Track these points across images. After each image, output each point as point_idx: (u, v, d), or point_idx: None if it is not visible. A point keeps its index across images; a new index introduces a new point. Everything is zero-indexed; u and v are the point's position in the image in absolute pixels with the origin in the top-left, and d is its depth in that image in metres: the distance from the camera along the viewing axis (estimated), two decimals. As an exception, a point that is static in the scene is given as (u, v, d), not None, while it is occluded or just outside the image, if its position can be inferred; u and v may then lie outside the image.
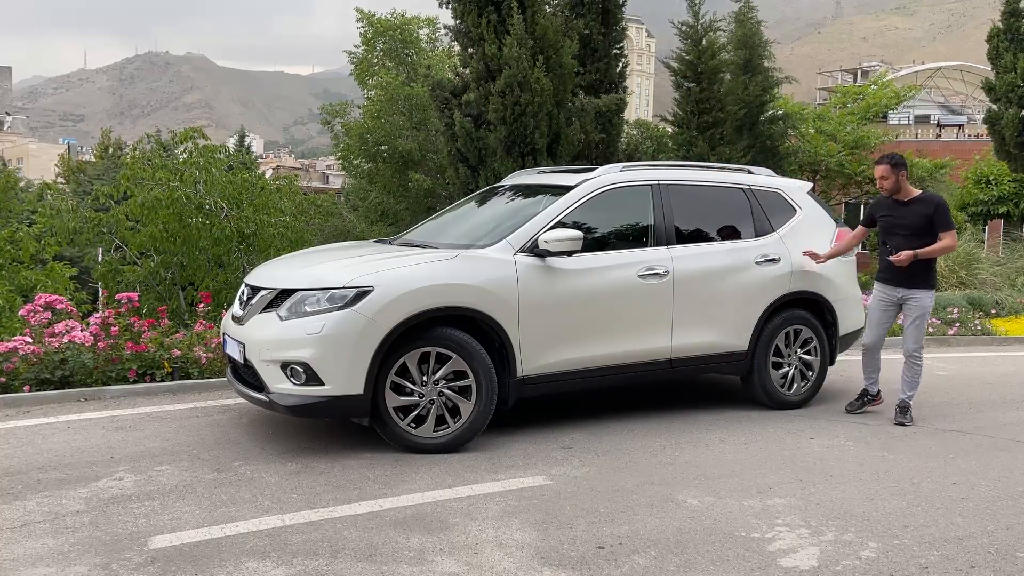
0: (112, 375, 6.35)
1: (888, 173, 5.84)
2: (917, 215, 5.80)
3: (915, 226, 5.80)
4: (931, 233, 5.79)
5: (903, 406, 5.96)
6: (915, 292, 5.87)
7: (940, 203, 5.85)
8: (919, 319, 5.88)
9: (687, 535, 3.84)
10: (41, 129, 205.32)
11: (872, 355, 6.17)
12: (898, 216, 5.88)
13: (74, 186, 41.45)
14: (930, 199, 5.88)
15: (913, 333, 5.91)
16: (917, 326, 5.89)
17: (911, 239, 5.78)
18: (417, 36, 30.36)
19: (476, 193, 6.99)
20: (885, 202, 5.99)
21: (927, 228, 5.79)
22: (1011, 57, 19.50)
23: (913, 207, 5.84)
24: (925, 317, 5.90)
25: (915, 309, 5.88)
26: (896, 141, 30.88)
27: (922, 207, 5.81)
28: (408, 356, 4.87)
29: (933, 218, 5.77)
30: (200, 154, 11.42)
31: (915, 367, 5.97)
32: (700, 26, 18.19)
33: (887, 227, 5.96)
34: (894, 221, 5.90)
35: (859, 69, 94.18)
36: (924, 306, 5.87)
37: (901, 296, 5.93)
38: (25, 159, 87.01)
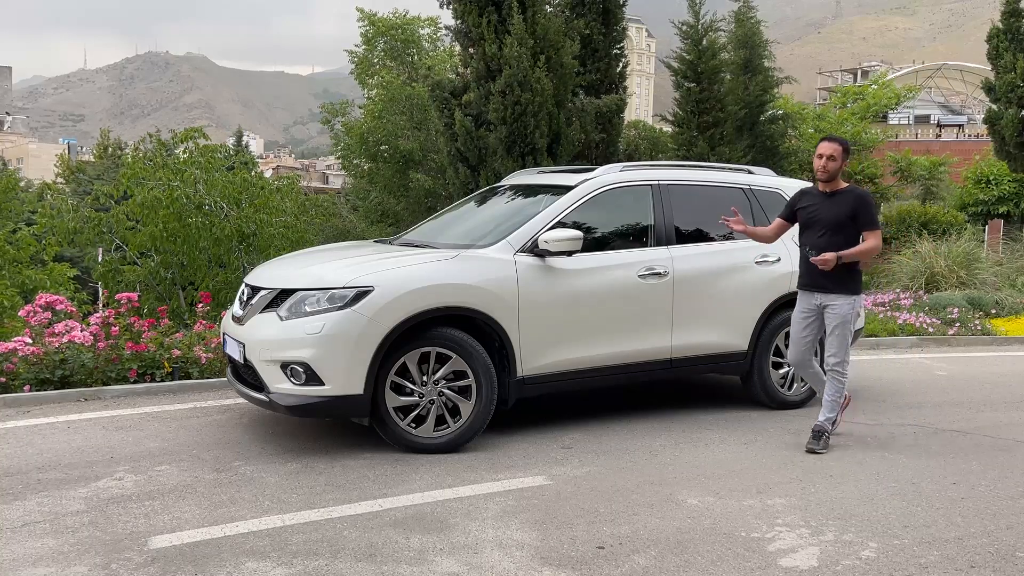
0: (112, 375, 6.35)
1: (838, 155, 5.15)
2: (840, 209, 5.15)
3: (836, 222, 5.14)
4: (853, 231, 5.18)
5: (818, 431, 5.24)
6: (834, 299, 5.20)
7: (866, 197, 5.25)
8: (839, 328, 5.20)
9: (687, 535, 3.84)
10: (41, 129, 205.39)
11: (805, 370, 5.50)
12: (821, 209, 5.21)
13: (74, 186, 41.44)
14: (856, 192, 5.25)
15: (834, 344, 5.23)
16: (838, 336, 5.22)
17: (831, 236, 5.14)
18: (418, 36, 30.36)
19: (476, 193, 7.00)
20: (810, 192, 5.37)
21: (849, 225, 5.16)
22: (1011, 57, 19.49)
23: (837, 200, 5.18)
24: (847, 326, 5.21)
25: (834, 318, 5.20)
26: (896, 140, 30.89)
27: (846, 201, 5.17)
28: (408, 356, 4.87)
29: (857, 214, 5.14)
30: (200, 154, 11.43)
31: (837, 383, 5.28)
32: (700, 26, 18.20)
33: (806, 221, 5.28)
34: (815, 214, 5.22)
35: (859, 69, 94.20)
36: (844, 314, 5.19)
37: (820, 303, 5.26)
38: (25, 159, 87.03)
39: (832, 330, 5.23)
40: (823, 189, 5.24)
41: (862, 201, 5.18)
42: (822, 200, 5.23)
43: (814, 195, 5.30)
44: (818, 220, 5.20)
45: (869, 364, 8.38)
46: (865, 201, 5.19)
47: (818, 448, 5.17)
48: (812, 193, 5.33)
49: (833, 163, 5.12)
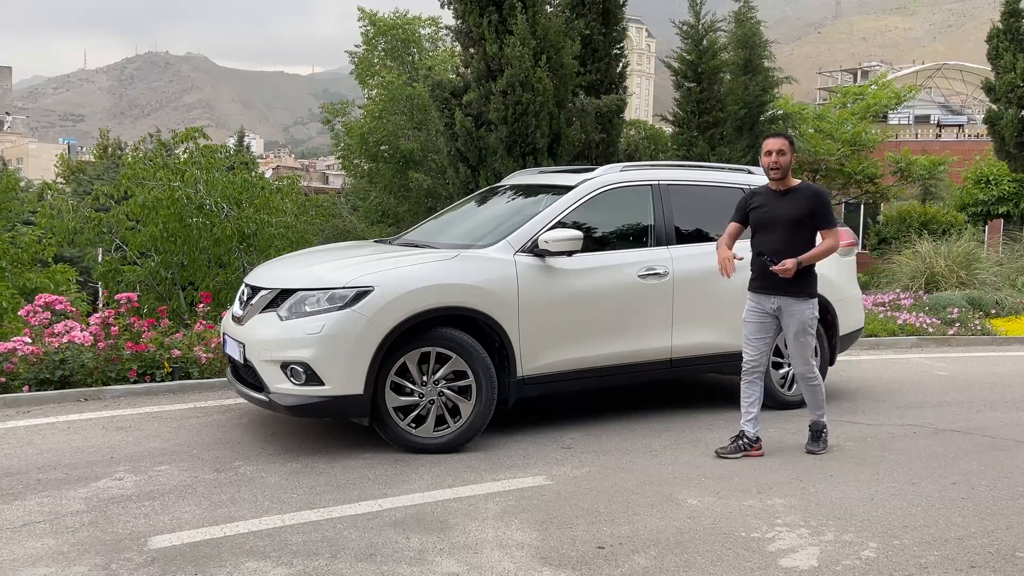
0: (112, 375, 6.35)
1: (787, 149, 4.90)
2: (795, 207, 4.89)
3: (792, 221, 4.89)
4: (809, 230, 4.94)
5: (816, 429, 5.19)
6: (791, 302, 4.92)
7: (822, 194, 4.99)
8: (800, 334, 4.95)
9: (687, 535, 3.84)
10: (41, 129, 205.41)
11: (753, 378, 5.09)
12: (775, 208, 4.94)
13: (74, 186, 41.44)
14: (811, 189, 4.99)
15: (799, 352, 5.02)
16: (801, 344, 4.98)
17: (788, 237, 4.89)
18: (419, 36, 30.35)
19: (476, 193, 7.00)
20: (761, 191, 5.09)
21: (805, 224, 4.92)
22: (1011, 57, 19.49)
23: (792, 198, 4.93)
24: (808, 331, 4.96)
25: (793, 323, 4.94)
26: (896, 140, 30.89)
27: (802, 199, 4.91)
28: (408, 356, 4.87)
29: (814, 212, 4.89)
30: (201, 154, 11.43)
31: (814, 388, 5.11)
32: (701, 26, 18.21)
33: (759, 221, 5.00)
34: (769, 214, 4.95)
35: (859, 69, 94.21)
36: (804, 319, 4.93)
37: (776, 307, 4.98)
38: (25, 159, 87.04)
39: (794, 338, 4.97)
40: (775, 187, 4.99)
41: (819, 198, 4.93)
42: (775, 199, 4.97)
43: (766, 194, 5.04)
44: (773, 220, 4.93)
45: (869, 364, 8.38)
46: (822, 198, 4.96)
47: (818, 450, 5.11)
48: (763, 192, 5.07)
49: (784, 157, 4.88)
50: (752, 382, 5.07)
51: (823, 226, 4.93)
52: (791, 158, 4.91)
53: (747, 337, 5.09)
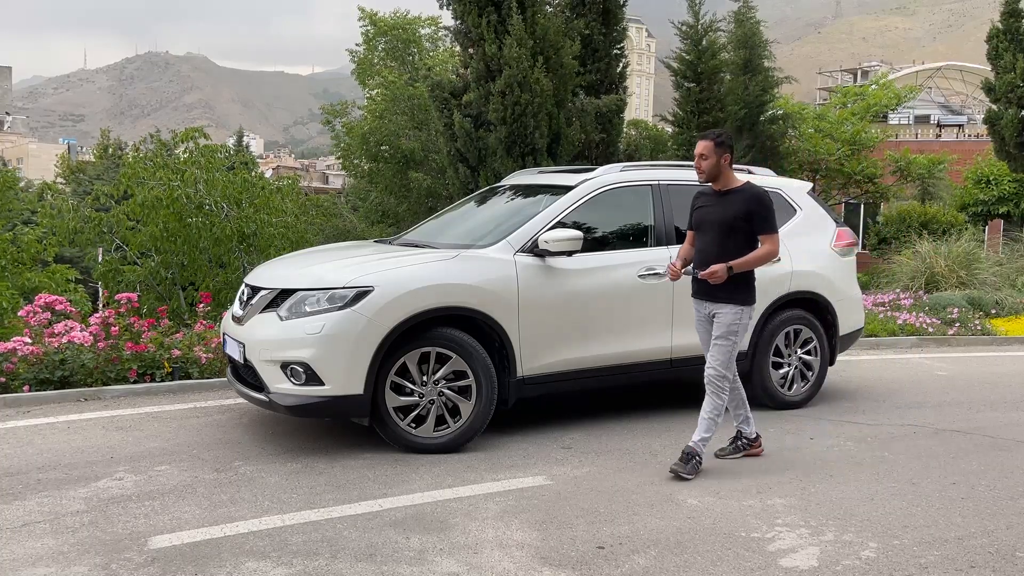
0: (112, 375, 6.35)
1: (709, 152, 4.62)
2: (731, 210, 4.63)
3: (727, 223, 4.63)
4: (745, 234, 4.65)
5: (688, 452, 4.65)
6: (721, 307, 4.68)
7: (761, 197, 4.65)
8: (722, 338, 4.67)
9: (687, 535, 3.84)
10: (41, 129, 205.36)
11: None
12: (712, 209, 4.71)
13: (74, 186, 41.46)
14: (750, 191, 4.67)
15: (715, 353, 4.69)
16: (719, 347, 4.68)
17: (720, 240, 4.65)
18: (419, 36, 30.34)
19: (476, 193, 7.00)
20: (706, 191, 4.85)
21: (742, 227, 4.63)
22: (1011, 57, 19.50)
23: (729, 199, 4.67)
24: (731, 337, 4.67)
25: (718, 327, 4.69)
26: (896, 140, 30.89)
27: (738, 200, 4.64)
28: (408, 356, 4.87)
29: (750, 215, 4.61)
30: (201, 153, 11.43)
31: (716, 399, 4.71)
32: (700, 26, 18.21)
33: (698, 223, 4.79)
34: (705, 215, 4.73)
35: (859, 69, 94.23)
36: (728, 323, 4.66)
37: (709, 311, 4.77)
38: (25, 159, 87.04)
39: (715, 339, 4.69)
40: (716, 188, 4.74)
41: (757, 201, 4.63)
42: (714, 200, 4.73)
43: (708, 195, 4.80)
44: (708, 222, 4.71)
45: (869, 364, 8.38)
46: (760, 201, 4.63)
47: (684, 472, 4.59)
48: (707, 193, 4.82)
49: (705, 161, 4.64)
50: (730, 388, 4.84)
51: (761, 231, 4.64)
52: (717, 160, 4.63)
53: (702, 343, 4.89)
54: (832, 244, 6.52)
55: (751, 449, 5.02)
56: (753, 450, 5.03)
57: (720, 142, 4.65)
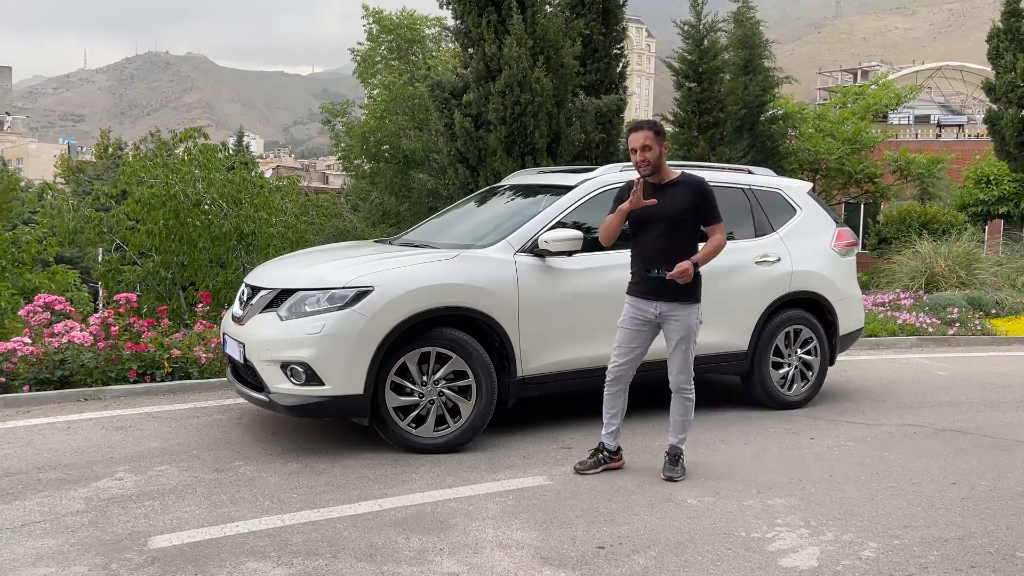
0: (112, 375, 6.35)
1: (652, 142, 4.43)
2: (677, 203, 4.46)
3: (675, 218, 4.45)
4: (692, 227, 4.53)
5: (674, 454, 4.67)
6: (676, 308, 4.52)
7: (705, 187, 4.53)
8: (683, 342, 4.55)
9: (687, 535, 3.84)
10: (41, 129, 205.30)
11: (618, 389, 4.70)
12: (661, 206, 4.48)
13: (74, 186, 41.45)
14: (692, 182, 4.53)
15: (679, 361, 4.59)
16: (684, 351, 4.57)
17: (671, 236, 4.48)
18: (423, 35, 30.32)
19: (476, 193, 7.00)
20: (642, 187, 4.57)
21: (688, 220, 4.50)
22: (1011, 57, 19.49)
23: (673, 193, 4.49)
24: (691, 339, 4.57)
25: (678, 330, 4.53)
26: (896, 140, 30.89)
27: (683, 192, 4.49)
28: (408, 356, 4.87)
29: (698, 207, 4.48)
30: (201, 153, 11.43)
31: (687, 403, 4.66)
32: (702, 26, 18.21)
33: (640, 221, 4.54)
34: (650, 211, 4.47)
35: (859, 69, 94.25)
36: (688, 325, 4.54)
37: (659, 313, 4.55)
38: (25, 159, 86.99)
39: (676, 344, 4.56)
40: (653, 181, 4.54)
41: (702, 192, 4.50)
42: (654, 195, 4.51)
43: (651, 187, 4.56)
44: (653, 218, 4.49)
45: (869, 364, 8.38)
46: (705, 191, 4.51)
47: (676, 475, 4.59)
48: (647, 186, 4.57)
49: (650, 152, 4.44)
50: (616, 393, 4.69)
51: (709, 221, 4.52)
52: (660, 150, 4.47)
53: (619, 344, 4.64)
54: (832, 244, 6.52)
55: (611, 463, 4.73)
56: (613, 464, 4.74)
57: (659, 130, 4.49)
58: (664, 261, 4.46)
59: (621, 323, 4.67)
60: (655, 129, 4.49)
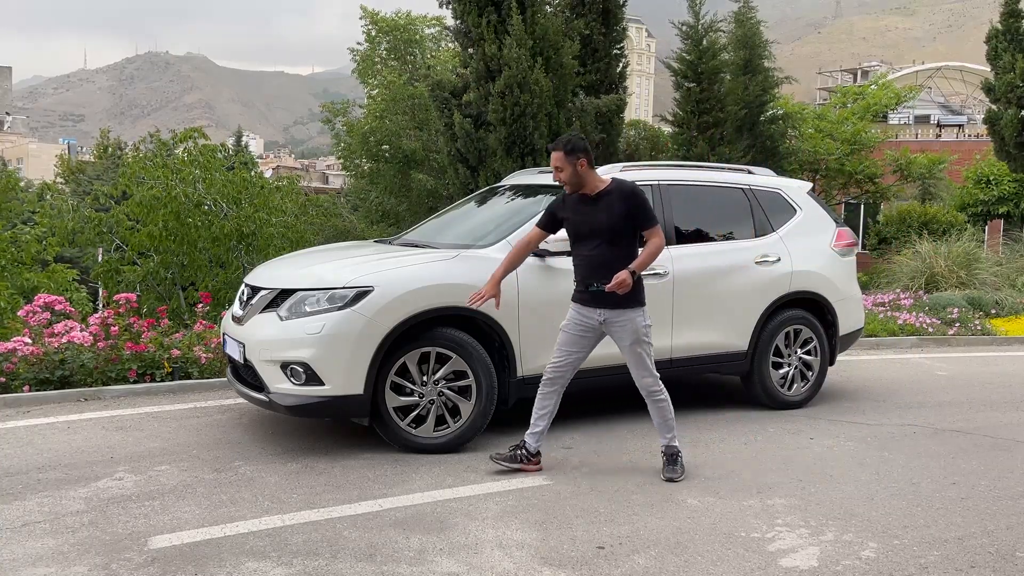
0: (112, 375, 6.35)
1: (562, 162, 4.43)
2: (611, 213, 4.44)
3: (612, 227, 4.44)
4: (629, 234, 4.49)
5: (670, 454, 4.67)
6: (619, 314, 4.49)
7: (636, 193, 4.48)
8: (636, 345, 4.52)
9: (687, 535, 3.84)
10: (41, 129, 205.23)
11: (552, 390, 4.68)
12: (588, 216, 4.49)
13: (74, 186, 41.42)
14: (623, 189, 4.48)
15: (638, 363, 4.57)
16: (638, 354, 4.54)
17: (609, 246, 4.47)
18: (421, 35, 30.30)
19: (476, 193, 7.00)
20: (571, 197, 4.59)
21: (624, 228, 4.46)
22: (1010, 57, 19.50)
23: (604, 203, 4.47)
24: (643, 340, 4.54)
25: (625, 335, 4.51)
26: (896, 140, 30.89)
27: (615, 201, 4.45)
28: (408, 356, 4.87)
29: (631, 214, 4.44)
30: (201, 153, 11.43)
31: (660, 405, 4.64)
32: (701, 26, 18.20)
33: (575, 233, 4.58)
34: (584, 224, 4.51)
35: (859, 69, 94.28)
36: (635, 328, 4.50)
37: (603, 319, 4.53)
38: (25, 159, 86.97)
39: (629, 348, 4.56)
40: (584, 193, 4.53)
41: (634, 198, 4.45)
42: (586, 207, 4.51)
43: (578, 202, 4.56)
44: (589, 230, 4.50)
45: (869, 364, 8.38)
46: (637, 197, 4.47)
47: (677, 475, 4.60)
48: (575, 200, 4.58)
49: (562, 172, 4.45)
50: (549, 394, 4.67)
51: (645, 226, 4.48)
52: (572, 168, 4.44)
53: (560, 345, 4.63)
54: (832, 244, 6.52)
55: (527, 464, 4.64)
56: (529, 466, 4.65)
57: (570, 149, 4.43)
58: (603, 273, 4.45)
59: (564, 327, 4.66)
60: (567, 148, 4.43)
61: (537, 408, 4.71)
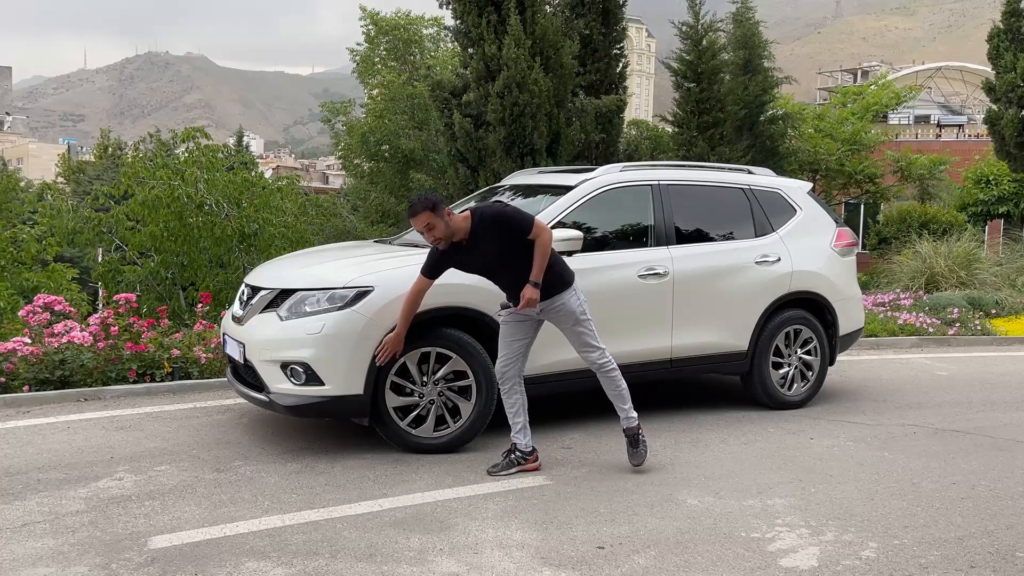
0: (112, 375, 6.35)
1: (434, 220, 4.35)
2: (493, 245, 4.44)
3: (504, 257, 4.47)
4: (520, 249, 4.44)
5: (630, 435, 4.72)
6: (553, 301, 4.56)
7: (499, 213, 4.46)
8: (576, 325, 4.60)
9: (687, 535, 3.84)
10: (41, 129, 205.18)
11: (509, 386, 4.68)
12: (473, 260, 4.54)
13: (74, 186, 41.45)
14: (487, 219, 4.43)
15: (581, 343, 4.65)
16: (580, 334, 4.62)
17: (514, 272, 4.48)
18: (421, 36, 30.32)
19: (476, 193, 7.00)
20: (445, 252, 4.51)
21: (514, 247, 4.44)
22: (1011, 57, 19.51)
23: (482, 240, 4.44)
24: (582, 319, 4.60)
25: (565, 318, 4.59)
26: (896, 140, 30.90)
27: (490, 234, 4.43)
28: (408, 356, 4.86)
29: (510, 233, 4.41)
30: (202, 153, 11.43)
31: (611, 376, 4.69)
32: (700, 26, 18.21)
33: (480, 272, 4.64)
34: (473, 265, 4.57)
35: (859, 69, 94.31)
36: (572, 310, 4.57)
37: (539, 311, 4.59)
38: (25, 159, 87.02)
39: (571, 330, 4.63)
40: (459, 240, 4.47)
41: (498, 220, 4.42)
42: (465, 254, 4.51)
43: (452, 249, 4.49)
44: (480, 269, 4.59)
45: (869, 364, 8.38)
46: (500, 218, 4.43)
47: (641, 460, 4.70)
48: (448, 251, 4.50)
49: (435, 230, 4.37)
50: (510, 390, 4.68)
51: (526, 234, 4.42)
52: (444, 221, 4.36)
53: (501, 339, 4.69)
54: (832, 244, 6.52)
55: (526, 464, 4.66)
56: (528, 465, 4.66)
57: (433, 205, 4.35)
58: (516, 292, 4.51)
59: (503, 319, 4.70)
60: (430, 206, 4.34)
61: (507, 408, 4.71)
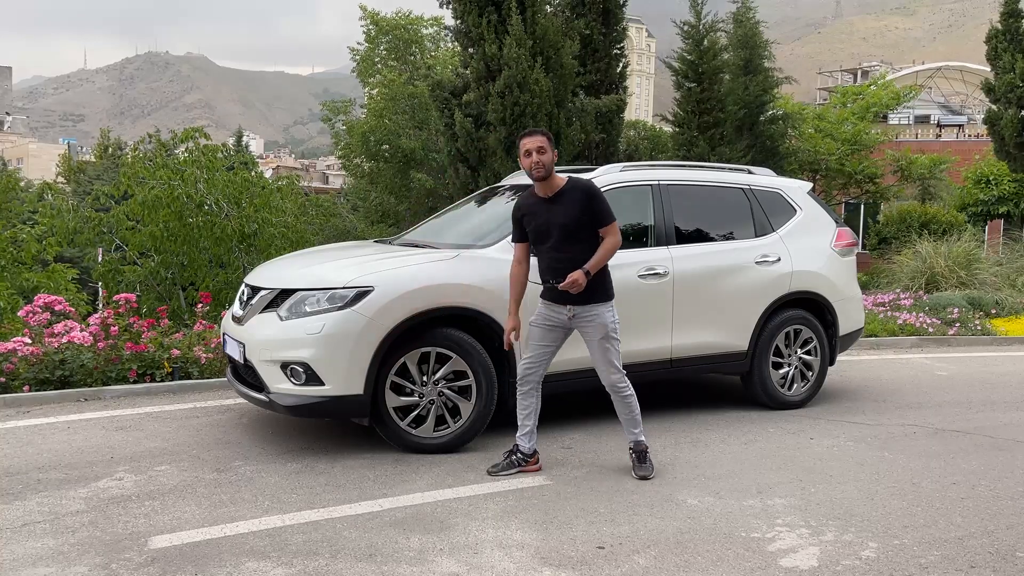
0: (112, 375, 6.35)
1: (547, 145, 4.43)
2: (570, 212, 4.42)
3: (569, 227, 4.43)
4: (588, 232, 4.46)
5: (638, 451, 4.69)
6: (588, 309, 4.49)
7: (594, 190, 4.48)
8: (604, 340, 4.52)
9: (687, 535, 3.84)
10: (41, 129, 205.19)
11: (529, 388, 4.68)
12: (548, 216, 4.48)
13: (74, 186, 41.45)
14: (581, 187, 4.48)
15: (604, 359, 4.56)
16: (606, 350, 4.54)
17: (568, 246, 4.45)
18: (421, 35, 30.33)
19: (476, 193, 7.00)
20: (529, 199, 4.59)
21: (585, 227, 4.45)
22: (1010, 57, 19.51)
23: (564, 202, 4.46)
24: (611, 337, 4.53)
25: (595, 330, 4.51)
26: (896, 141, 30.89)
27: (574, 200, 4.44)
28: (408, 356, 4.87)
29: (591, 211, 4.43)
30: (201, 153, 11.43)
31: (627, 400, 4.66)
32: (702, 26, 18.22)
33: (535, 233, 4.55)
34: (544, 224, 4.49)
35: (859, 69, 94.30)
36: (605, 323, 4.50)
37: (572, 315, 4.52)
38: (25, 159, 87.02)
39: (598, 344, 4.54)
40: (543, 193, 4.51)
41: (592, 195, 4.44)
42: (545, 207, 4.50)
43: (535, 203, 4.55)
44: (548, 231, 4.49)
45: (869, 364, 8.38)
46: (595, 194, 4.46)
47: (648, 473, 4.62)
48: (531, 201, 4.57)
49: (545, 155, 4.41)
50: (528, 392, 4.67)
51: (603, 223, 4.46)
52: (553, 155, 4.46)
53: (531, 340, 4.66)
54: (832, 244, 6.52)
55: (527, 465, 4.66)
56: (529, 467, 4.67)
57: (551, 137, 4.52)
58: (563, 271, 4.44)
59: (533, 322, 4.68)
60: (546, 133, 4.50)
61: (520, 409, 4.72)
